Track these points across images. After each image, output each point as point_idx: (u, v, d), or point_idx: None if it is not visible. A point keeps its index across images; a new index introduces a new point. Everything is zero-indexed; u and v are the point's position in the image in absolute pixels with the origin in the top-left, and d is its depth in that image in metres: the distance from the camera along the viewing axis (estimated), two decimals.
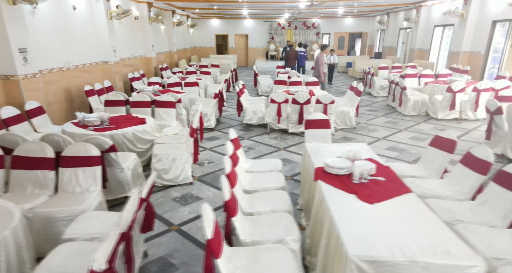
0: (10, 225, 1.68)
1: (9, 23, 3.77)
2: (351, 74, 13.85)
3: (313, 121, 3.45)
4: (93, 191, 2.50)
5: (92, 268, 1.23)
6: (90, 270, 1.23)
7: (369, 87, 9.03)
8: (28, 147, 2.50)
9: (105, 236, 1.93)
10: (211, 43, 19.38)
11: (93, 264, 1.24)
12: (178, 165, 3.44)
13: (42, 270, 1.59)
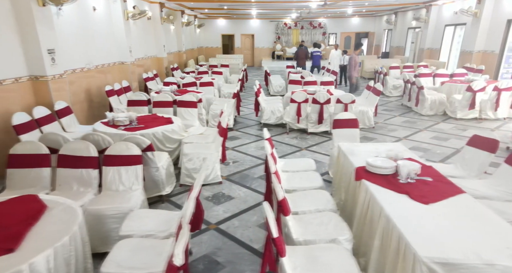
0: (77, 220, 1.72)
1: (39, 24, 3.82)
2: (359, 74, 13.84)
3: (341, 121, 3.48)
4: (136, 189, 2.54)
5: (174, 263, 1.27)
6: (171, 265, 1.27)
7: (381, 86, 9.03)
8: (73, 146, 2.54)
9: (161, 233, 1.97)
10: (217, 43, 19.42)
11: (174, 259, 1.28)
12: (208, 165, 3.47)
13: (110, 265, 1.63)
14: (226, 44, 20.26)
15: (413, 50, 13.55)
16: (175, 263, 1.26)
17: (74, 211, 1.82)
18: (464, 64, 8.92)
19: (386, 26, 17.29)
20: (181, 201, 3.16)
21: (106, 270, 1.62)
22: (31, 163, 2.49)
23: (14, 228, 1.64)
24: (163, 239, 1.94)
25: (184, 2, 10.74)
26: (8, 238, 1.56)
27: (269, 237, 1.59)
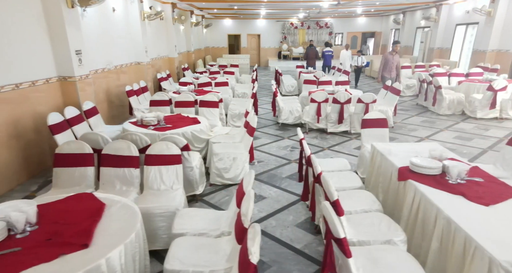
0: (138, 218, 1.75)
1: (68, 25, 3.87)
2: (368, 74, 13.83)
3: (370, 120, 3.49)
4: (177, 189, 2.57)
5: (251, 261, 1.29)
6: (250, 263, 1.29)
7: None
8: (115, 146, 2.58)
9: (213, 232, 2.00)
10: (224, 43, 19.46)
11: (251, 257, 1.29)
12: (239, 164, 3.50)
13: (174, 262, 1.65)
14: (232, 44, 20.28)
15: (422, 49, 13.52)
16: (252, 261, 1.28)
17: (132, 209, 1.85)
18: (476, 63, 8.89)
19: (393, 26, 17.25)
20: (214, 201, 3.19)
21: (170, 267, 1.64)
22: (76, 162, 2.53)
23: (83, 224, 1.67)
24: (215, 237, 1.96)
25: (194, 2, 10.78)
26: (81, 234, 1.59)
27: (330, 238, 1.59)
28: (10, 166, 3.23)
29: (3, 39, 3.18)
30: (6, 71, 3.18)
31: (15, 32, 3.33)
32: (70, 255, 1.47)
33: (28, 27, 3.53)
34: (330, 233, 1.57)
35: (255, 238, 1.35)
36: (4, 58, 3.18)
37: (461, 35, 10.79)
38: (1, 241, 1.53)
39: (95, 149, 2.71)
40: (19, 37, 3.40)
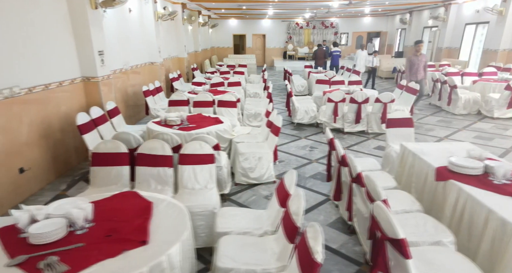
0: (187, 216, 1.77)
1: (92, 26, 3.89)
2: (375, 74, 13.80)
3: (395, 120, 3.49)
4: (212, 188, 2.58)
5: (317, 260, 1.30)
6: (314, 262, 1.30)
7: None
8: (149, 145, 2.59)
9: (256, 231, 2.01)
10: (229, 43, 19.49)
11: (316, 256, 1.30)
12: (264, 164, 3.51)
13: (226, 260, 1.67)
14: (237, 44, 20.31)
15: (431, 49, 13.49)
16: (318, 260, 1.29)
17: (179, 207, 1.86)
18: (487, 63, 8.87)
19: (399, 26, 17.22)
20: (241, 200, 3.20)
21: (223, 265, 1.66)
22: (112, 161, 2.55)
23: (137, 221, 1.69)
24: (259, 236, 1.97)
25: (203, 3, 10.81)
26: (138, 231, 1.61)
27: (382, 239, 1.58)
28: (41, 165, 3.26)
29: (35, 40, 3.22)
30: (37, 72, 3.21)
31: (44, 34, 3.37)
32: (131, 251, 1.49)
33: (55, 28, 3.56)
34: (383, 233, 1.57)
35: (317, 237, 1.36)
36: (35, 59, 3.22)
37: (470, 35, 10.77)
38: (63, 237, 1.55)
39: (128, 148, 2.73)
40: (48, 39, 3.43)
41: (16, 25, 2.96)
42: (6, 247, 1.48)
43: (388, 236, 1.53)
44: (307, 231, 1.43)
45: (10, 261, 1.39)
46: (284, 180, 2.08)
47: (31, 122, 3.11)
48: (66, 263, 1.39)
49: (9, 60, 2.85)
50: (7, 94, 2.75)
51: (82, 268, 1.37)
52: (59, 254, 1.44)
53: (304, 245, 1.41)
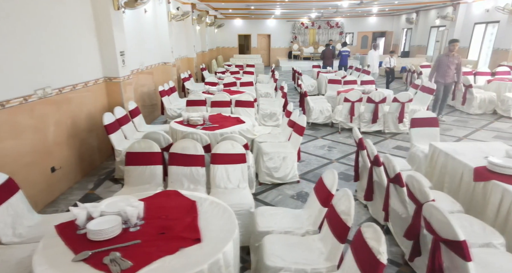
0: (233, 215, 1.78)
1: (115, 27, 3.91)
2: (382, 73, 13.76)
3: (420, 120, 3.49)
4: (244, 187, 2.59)
5: (381, 260, 1.29)
6: (378, 262, 1.29)
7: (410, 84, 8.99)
8: (181, 145, 2.61)
9: (298, 230, 2.02)
10: (234, 43, 19.51)
11: (380, 257, 1.30)
12: (288, 164, 3.52)
13: (275, 259, 1.67)
14: (242, 44, 20.32)
15: (438, 49, 13.44)
16: (382, 261, 1.28)
17: (222, 206, 1.88)
18: (497, 62, 8.83)
19: (405, 25, 17.19)
20: (268, 199, 3.21)
21: (273, 264, 1.66)
22: (146, 160, 2.56)
23: (186, 220, 1.70)
24: (301, 236, 1.98)
25: (212, 3, 10.84)
26: (189, 229, 1.62)
27: (437, 240, 1.56)
28: (70, 164, 3.29)
29: (64, 42, 3.25)
30: (66, 73, 3.23)
31: (72, 35, 3.40)
32: (187, 248, 1.50)
33: (81, 30, 3.59)
34: (437, 235, 1.55)
35: (379, 238, 1.34)
36: (64, 60, 3.24)
37: (480, 34, 10.73)
38: (119, 234, 1.57)
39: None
40: (75, 40, 3.46)
41: (48, 26, 3.00)
42: (68, 243, 1.51)
43: (443, 237, 1.51)
44: (364, 231, 1.42)
45: (76, 256, 1.42)
46: (324, 179, 2.08)
47: (61, 122, 3.14)
48: (128, 259, 1.41)
49: (42, 61, 2.88)
50: (40, 94, 2.77)
51: (145, 264, 1.38)
52: (119, 250, 1.46)
53: (362, 245, 1.40)
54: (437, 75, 5.51)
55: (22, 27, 2.65)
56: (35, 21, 2.82)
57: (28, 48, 2.70)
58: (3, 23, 2.43)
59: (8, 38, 2.49)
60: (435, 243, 1.56)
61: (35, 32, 2.80)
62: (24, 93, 2.60)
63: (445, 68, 5.42)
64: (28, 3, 2.74)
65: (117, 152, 3.41)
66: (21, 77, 2.61)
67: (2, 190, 1.86)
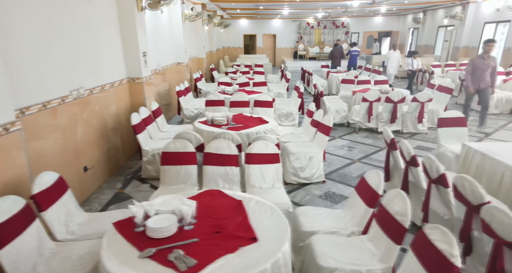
0: (282, 214, 1.77)
1: (138, 28, 3.93)
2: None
3: (447, 119, 3.47)
4: (279, 187, 2.59)
5: (456, 263, 1.27)
6: (452, 266, 1.27)
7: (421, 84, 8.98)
8: (216, 145, 2.61)
9: (343, 230, 2.01)
10: (239, 43, 19.53)
11: (454, 260, 1.27)
12: (314, 163, 3.51)
13: (328, 259, 1.66)
14: (247, 44, 20.33)
15: (447, 48, 13.40)
16: (457, 264, 1.26)
17: (269, 205, 1.87)
18: (509, 62, 8.79)
19: (411, 25, 17.13)
20: (297, 199, 3.20)
21: (326, 264, 1.66)
22: (181, 160, 2.57)
23: (237, 219, 1.71)
24: (347, 236, 1.97)
25: (221, 3, 10.85)
26: (243, 228, 1.63)
27: (499, 243, 1.53)
28: (99, 164, 3.31)
29: (94, 43, 3.27)
30: (95, 73, 3.25)
31: (100, 36, 3.42)
32: (246, 247, 1.50)
33: (108, 31, 3.61)
34: (499, 238, 1.52)
35: (450, 240, 1.29)
36: (94, 61, 3.26)
37: (489, 34, 10.68)
38: (176, 232, 1.58)
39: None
40: (103, 41, 3.48)
41: (81, 28, 3.03)
42: (130, 240, 1.52)
43: (506, 240, 1.48)
44: (429, 233, 1.39)
45: (141, 253, 1.43)
46: (368, 180, 2.07)
47: (91, 122, 3.15)
48: (190, 256, 1.41)
49: (76, 62, 2.90)
50: (75, 95, 2.78)
51: (209, 262, 1.39)
52: (180, 248, 1.47)
53: (428, 248, 1.37)
54: (471, 80, 5.02)
55: (60, 29, 2.68)
56: (71, 23, 2.85)
57: (64, 49, 2.73)
58: (44, 26, 2.46)
59: (49, 40, 2.52)
60: (497, 246, 1.53)
61: (71, 34, 2.83)
62: (62, 94, 2.62)
63: (479, 72, 4.92)
64: (65, 6, 2.78)
65: (144, 152, 3.41)
66: (59, 78, 2.64)
67: (55, 188, 1.87)
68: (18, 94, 2.07)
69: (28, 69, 2.26)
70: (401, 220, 1.62)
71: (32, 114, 2.22)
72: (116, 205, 2.99)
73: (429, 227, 1.41)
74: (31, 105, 2.22)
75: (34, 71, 2.33)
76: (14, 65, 2.11)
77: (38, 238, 1.64)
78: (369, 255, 1.74)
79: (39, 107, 2.30)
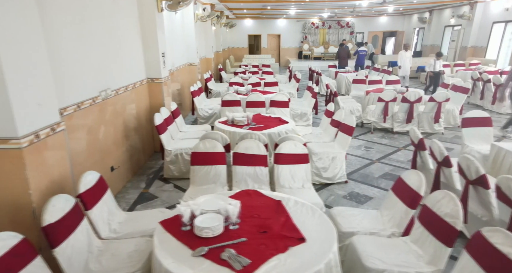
0: (325, 215, 1.77)
1: (158, 29, 3.93)
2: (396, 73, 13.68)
3: (472, 119, 3.45)
4: (309, 187, 2.58)
5: None
6: None
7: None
8: (245, 145, 2.60)
9: (382, 231, 2.00)
10: (244, 43, 19.53)
11: None
12: (337, 164, 3.50)
13: (375, 261, 1.64)
14: (252, 44, 20.33)
15: (454, 48, 13.35)
16: None
17: (309, 205, 1.86)
18: None
19: (417, 25, 17.09)
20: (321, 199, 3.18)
21: (374, 266, 1.64)
22: (211, 160, 2.56)
23: (280, 219, 1.69)
24: (387, 237, 1.96)
25: (229, 3, 10.85)
26: (289, 228, 1.61)
27: None
28: (124, 163, 3.31)
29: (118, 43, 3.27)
30: (120, 74, 3.25)
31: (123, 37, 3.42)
32: (296, 247, 1.49)
33: (131, 32, 3.62)
34: None
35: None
36: (118, 62, 3.26)
37: (498, 33, 10.64)
38: (223, 231, 1.57)
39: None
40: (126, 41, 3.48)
41: (108, 29, 3.04)
42: (180, 239, 1.52)
43: None
44: (490, 236, 1.35)
45: (195, 252, 1.43)
46: (406, 181, 2.05)
47: (116, 122, 3.15)
48: (242, 256, 1.41)
49: (103, 63, 2.91)
50: (104, 96, 2.78)
51: (263, 262, 1.38)
52: (230, 248, 1.46)
53: (489, 251, 1.34)
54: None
55: (91, 31, 2.69)
56: (100, 25, 2.86)
57: (94, 50, 2.74)
58: (78, 27, 2.47)
59: (82, 41, 2.53)
60: None
61: (99, 35, 2.84)
62: (92, 95, 2.62)
63: None
64: (95, 7, 2.78)
65: (167, 152, 3.41)
66: (90, 78, 2.65)
67: (97, 187, 1.87)
68: (57, 95, 2.07)
69: (64, 70, 2.26)
70: (452, 222, 1.59)
71: (68, 114, 2.22)
72: (143, 205, 2.98)
73: (488, 230, 1.38)
74: (68, 106, 2.21)
75: (69, 72, 2.34)
76: (53, 66, 2.11)
77: (87, 235, 1.66)
78: (415, 257, 1.71)
79: (74, 107, 2.30)
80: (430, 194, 1.81)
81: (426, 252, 1.69)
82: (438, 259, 1.62)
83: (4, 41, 1.48)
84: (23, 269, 1.23)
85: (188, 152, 3.47)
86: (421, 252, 1.73)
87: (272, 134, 3.56)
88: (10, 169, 1.55)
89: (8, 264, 1.20)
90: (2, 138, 1.52)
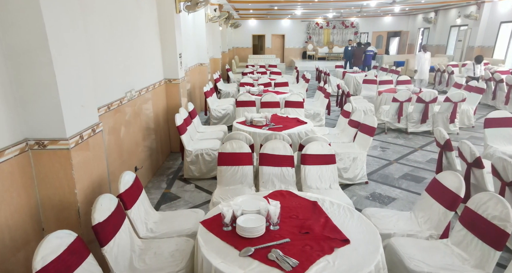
0: (363, 216, 1.75)
1: (176, 30, 3.92)
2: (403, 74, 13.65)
3: (495, 119, 3.42)
4: (337, 188, 2.56)
5: None
6: None
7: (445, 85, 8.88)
8: (272, 146, 2.58)
9: (420, 233, 1.97)
10: (248, 44, 19.53)
11: None
12: (358, 164, 3.47)
13: (419, 264, 1.61)
14: (256, 44, 20.32)
15: (460, 48, 13.31)
16: None
17: (345, 206, 1.85)
18: None
19: (421, 25, 17.05)
20: None
21: (419, 269, 1.61)
22: (238, 161, 2.54)
23: (320, 220, 1.68)
24: (425, 239, 1.93)
25: (236, 4, 10.85)
26: (331, 230, 1.60)
27: None
28: (145, 164, 3.30)
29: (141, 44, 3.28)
30: (142, 75, 3.25)
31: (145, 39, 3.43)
32: (341, 249, 1.47)
33: (151, 33, 3.62)
34: None
35: None
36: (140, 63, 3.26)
37: (506, 33, 10.59)
38: (265, 232, 1.56)
39: None
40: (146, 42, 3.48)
41: (133, 31, 3.05)
42: (224, 239, 1.51)
43: None
44: None
45: (242, 252, 1.42)
46: (443, 181, 2.02)
47: (139, 122, 3.15)
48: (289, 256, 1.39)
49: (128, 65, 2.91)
50: (129, 97, 2.77)
51: (311, 263, 1.37)
52: (276, 248, 1.45)
53: None
54: None
55: (118, 33, 2.70)
56: (126, 27, 2.87)
57: (121, 52, 2.74)
58: (107, 30, 2.47)
59: (110, 43, 2.53)
60: None
61: (125, 37, 2.85)
62: (120, 96, 2.61)
63: None
64: (122, 9, 2.79)
65: (188, 153, 3.39)
66: (117, 80, 2.66)
67: (134, 187, 1.87)
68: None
69: (97, 72, 2.26)
70: (502, 225, 1.57)
71: (100, 115, 2.22)
72: (167, 205, 2.96)
73: None
74: (100, 107, 2.21)
75: (101, 73, 2.34)
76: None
77: (130, 235, 1.66)
78: (460, 260, 1.69)
79: (105, 108, 2.29)
80: (473, 196, 1.79)
81: (472, 256, 1.66)
82: (486, 262, 1.59)
83: (56, 46, 1.50)
84: (79, 266, 1.23)
85: (209, 152, 3.46)
86: (466, 255, 1.70)
87: (292, 135, 3.53)
88: (58, 169, 1.56)
89: (67, 261, 1.20)
90: (52, 139, 1.54)
